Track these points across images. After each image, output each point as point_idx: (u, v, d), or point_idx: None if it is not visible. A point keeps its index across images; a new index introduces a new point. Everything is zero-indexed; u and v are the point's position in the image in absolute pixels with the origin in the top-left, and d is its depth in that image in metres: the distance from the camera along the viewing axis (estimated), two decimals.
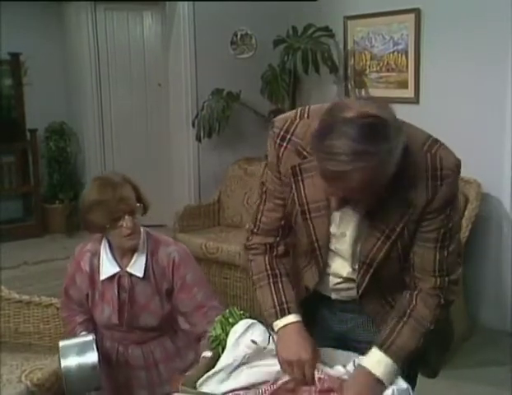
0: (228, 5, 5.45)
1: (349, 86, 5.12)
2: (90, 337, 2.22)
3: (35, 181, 6.42)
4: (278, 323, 1.79)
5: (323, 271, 1.82)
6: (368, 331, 1.87)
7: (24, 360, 2.71)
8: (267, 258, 1.86)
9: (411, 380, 1.77)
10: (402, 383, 1.70)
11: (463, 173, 3.99)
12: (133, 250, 2.34)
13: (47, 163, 6.57)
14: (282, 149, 1.74)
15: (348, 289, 1.82)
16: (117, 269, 2.35)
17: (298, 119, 1.74)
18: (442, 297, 1.69)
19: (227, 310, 1.94)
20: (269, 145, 1.79)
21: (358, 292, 1.79)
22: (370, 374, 1.65)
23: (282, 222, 1.83)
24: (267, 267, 1.85)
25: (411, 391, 1.72)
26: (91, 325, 2.47)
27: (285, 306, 1.80)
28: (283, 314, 1.79)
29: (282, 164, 1.75)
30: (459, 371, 3.61)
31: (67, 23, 6.48)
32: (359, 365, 1.69)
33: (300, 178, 1.72)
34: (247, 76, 5.46)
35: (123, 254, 2.36)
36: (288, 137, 1.73)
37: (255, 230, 1.88)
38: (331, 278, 1.83)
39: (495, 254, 4.17)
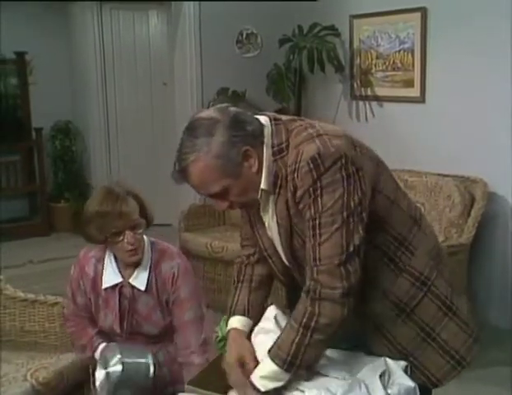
0: (233, 4, 5.45)
1: (355, 85, 5.11)
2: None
3: (41, 180, 6.44)
4: (228, 326, 1.93)
5: (284, 276, 1.88)
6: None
7: (29, 358, 2.70)
8: (238, 267, 1.99)
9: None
10: (408, 382, 1.69)
11: (469, 172, 4.07)
12: (137, 262, 2.32)
13: (52, 162, 6.59)
14: None
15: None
16: (119, 279, 2.33)
17: None
18: (313, 289, 1.61)
19: None
20: None
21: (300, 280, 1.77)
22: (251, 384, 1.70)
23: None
24: (235, 275, 1.99)
25: (417, 390, 1.71)
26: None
27: (232, 309, 1.94)
28: (230, 315, 1.93)
29: None
30: (464, 372, 3.59)
31: (72, 22, 6.49)
32: None
33: None
34: (252, 75, 5.46)
35: (126, 265, 2.34)
36: None
37: (242, 243, 2.00)
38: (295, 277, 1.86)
39: (502, 253, 4.16)
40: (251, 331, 1.89)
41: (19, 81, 6.34)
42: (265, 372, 1.67)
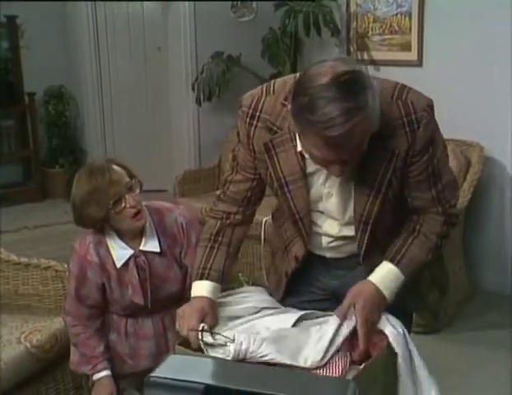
0: None
1: (351, 49, 5.05)
2: None
3: (35, 145, 6.38)
4: (194, 288, 1.85)
5: (311, 238, 1.85)
6: None
7: (23, 321, 2.69)
8: (218, 224, 1.90)
9: (406, 325, 1.80)
10: (398, 328, 1.70)
11: (466, 136, 4.04)
12: (141, 230, 2.28)
13: (46, 127, 6.52)
14: (253, 127, 1.77)
15: (341, 246, 1.85)
16: (131, 252, 2.28)
17: (264, 96, 1.77)
18: (445, 219, 1.78)
19: (239, 274, 2.00)
20: (239, 124, 1.82)
21: (360, 252, 1.81)
22: (375, 287, 1.72)
23: (249, 194, 1.87)
24: (213, 232, 1.90)
25: (407, 335, 1.73)
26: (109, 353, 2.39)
27: (206, 271, 1.84)
28: (201, 278, 1.84)
29: (255, 142, 1.78)
30: (460, 334, 3.63)
31: None
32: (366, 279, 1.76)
33: (273, 153, 1.75)
34: (247, 40, 5.38)
35: (132, 236, 2.29)
36: (257, 114, 1.76)
37: (222, 197, 1.92)
38: (323, 238, 1.85)
39: (497, 218, 4.16)
40: None
41: (10, 44, 6.25)
42: (394, 282, 1.74)
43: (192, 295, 1.84)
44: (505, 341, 3.47)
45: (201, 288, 1.83)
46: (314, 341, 1.67)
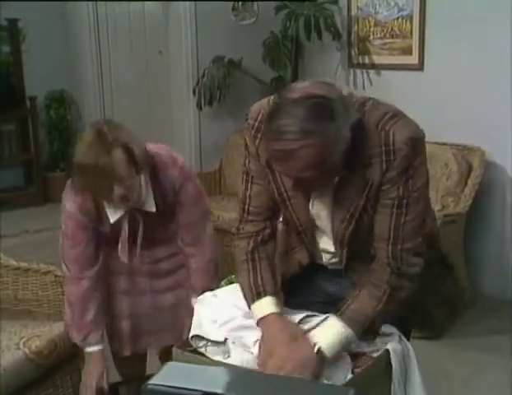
0: None
1: (352, 53, 5.04)
2: None
3: (36, 149, 6.38)
4: (255, 310, 1.76)
5: (313, 249, 1.87)
6: None
7: (23, 326, 2.67)
8: (251, 244, 1.84)
9: (406, 334, 1.81)
10: (397, 345, 1.71)
11: (468, 140, 4.03)
12: None
13: (47, 131, 6.52)
14: (258, 140, 1.76)
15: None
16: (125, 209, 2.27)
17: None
18: (395, 266, 1.67)
19: (231, 276, 2.05)
20: (246, 136, 1.81)
21: (342, 267, 1.84)
22: (311, 346, 1.64)
23: (271, 204, 1.84)
24: (248, 251, 1.84)
25: (410, 351, 1.73)
26: (104, 322, 2.42)
27: (261, 289, 1.78)
28: (259, 296, 1.76)
29: (261, 154, 1.77)
30: (460, 339, 3.61)
31: None
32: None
33: (274, 167, 1.72)
34: (248, 43, 5.38)
35: None
36: (262, 127, 1.72)
37: (245, 217, 1.86)
38: (323, 254, 1.88)
39: (499, 223, 4.15)
40: None
41: (11, 48, 6.24)
42: (335, 336, 1.65)
43: (258, 317, 1.74)
44: (506, 346, 3.46)
45: (264, 307, 1.75)
46: None
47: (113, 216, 2.27)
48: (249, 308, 1.78)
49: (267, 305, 1.74)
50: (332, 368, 1.65)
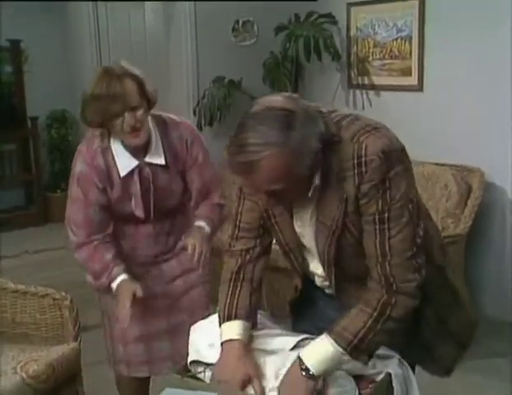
0: None
1: (352, 74, 5.06)
2: None
3: (37, 169, 6.41)
4: (222, 331, 1.77)
5: (307, 271, 1.83)
6: None
7: (20, 351, 2.67)
8: (239, 262, 1.83)
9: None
10: (397, 368, 1.70)
11: (467, 161, 4.03)
12: (146, 144, 2.29)
13: (48, 151, 6.55)
14: None
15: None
16: (135, 162, 2.29)
17: None
18: (387, 283, 1.61)
19: None
20: None
21: (331, 287, 1.78)
22: (299, 365, 1.62)
23: (262, 222, 1.81)
24: (234, 270, 1.83)
25: (411, 376, 1.72)
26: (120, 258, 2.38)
27: (233, 311, 1.77)
28: (229, 319, 1.76)
29: None
30: (462, 362, 3.58)
31: (68, 10, 6.42)
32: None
33: (241, 183, 1.73)
34: (248, 64, 5.40)
35: (138, 148, 2.29)
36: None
37: (236, 233, 1.85)
38: (315, 277, 1.84)
39: (499, 244, 4.13)
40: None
41: (13, 68, 6.29)
42: (323, 354, 1.61)
43: (222, 339, 1.75)
44: (505, 368, 3.44)
45: (230, 331, 1.75)
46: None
47: (123, 170, 2.29)
48: (220, 327, 1.79)
49: (233, 329, 1.75)
50: (339, 389, 1.64)
